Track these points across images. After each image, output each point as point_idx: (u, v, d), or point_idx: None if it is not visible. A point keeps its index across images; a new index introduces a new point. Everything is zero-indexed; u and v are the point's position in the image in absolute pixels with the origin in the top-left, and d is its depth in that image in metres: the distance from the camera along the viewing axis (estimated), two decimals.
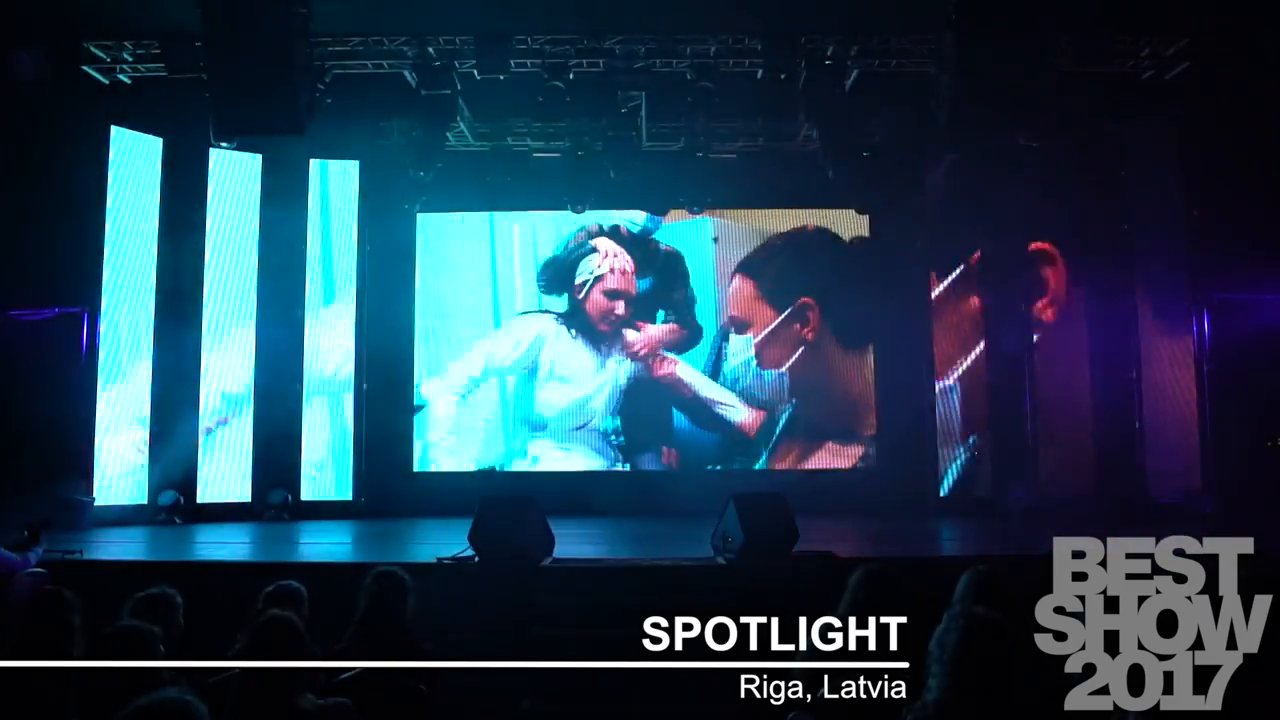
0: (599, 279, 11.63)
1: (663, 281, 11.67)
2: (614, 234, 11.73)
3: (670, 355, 11.56)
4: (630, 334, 11.56)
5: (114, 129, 9.90)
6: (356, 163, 11.29)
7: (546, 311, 11.66)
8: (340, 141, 10.76)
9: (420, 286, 11.69)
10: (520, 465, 11.45)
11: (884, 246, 11.50)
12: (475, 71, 9.41)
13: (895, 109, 10.20)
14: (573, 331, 11.59)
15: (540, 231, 11.79)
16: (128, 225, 10.02)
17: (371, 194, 11.30)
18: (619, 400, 11.48)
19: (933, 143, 10.59)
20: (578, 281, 11.67)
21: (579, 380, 11.53)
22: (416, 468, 11.43)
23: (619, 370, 11.52)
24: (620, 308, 11.58)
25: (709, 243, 11.73)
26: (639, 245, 11.74)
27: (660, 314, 11.63)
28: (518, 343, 11.60)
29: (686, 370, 11.54)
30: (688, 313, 11.63)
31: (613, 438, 11.45)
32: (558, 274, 11.71)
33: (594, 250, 11.71)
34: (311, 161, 11.13)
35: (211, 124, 8.77)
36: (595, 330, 11.60)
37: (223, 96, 8.11)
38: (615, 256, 11.67)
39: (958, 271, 10.99)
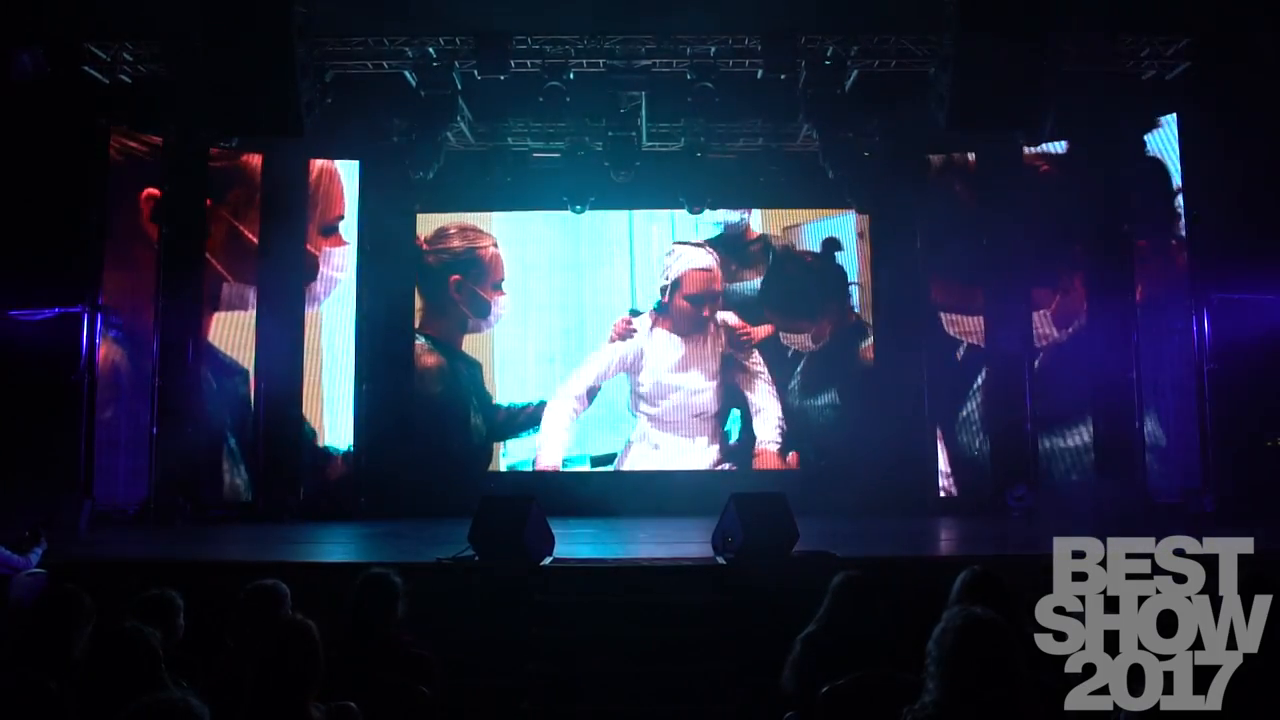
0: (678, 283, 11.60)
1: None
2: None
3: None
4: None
5: (114, 129, 9.89)
6: (356, 163, 11.28)
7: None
8: (340, 141, 10.75)
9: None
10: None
11: (884, 246, 11.48)
12: (475, 71, 9.41)
13: (895, 109, 10.20)
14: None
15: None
16: (128, 225, 10.01)
17: (371, 194, 11.29)
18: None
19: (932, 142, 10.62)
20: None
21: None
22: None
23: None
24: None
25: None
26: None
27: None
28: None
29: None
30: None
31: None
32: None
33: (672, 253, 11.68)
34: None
35: (211, 124, 8.77)
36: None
37: (222, 96, 8.11)
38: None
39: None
